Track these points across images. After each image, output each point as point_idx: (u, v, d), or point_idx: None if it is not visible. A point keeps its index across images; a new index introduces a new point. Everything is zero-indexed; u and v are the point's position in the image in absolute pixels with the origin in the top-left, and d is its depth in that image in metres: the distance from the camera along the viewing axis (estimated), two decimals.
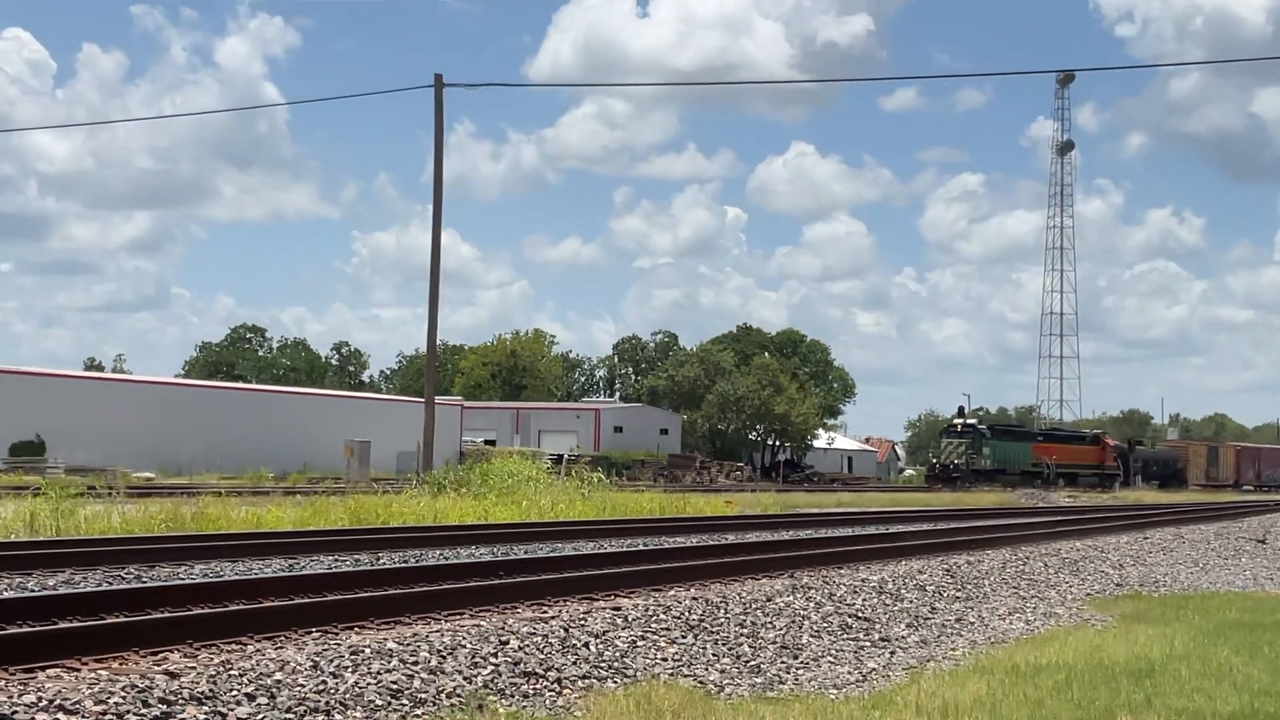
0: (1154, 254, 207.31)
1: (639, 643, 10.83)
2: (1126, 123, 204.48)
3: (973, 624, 14.47)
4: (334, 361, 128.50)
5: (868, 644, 12.52)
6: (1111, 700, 9.58)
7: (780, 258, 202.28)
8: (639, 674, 10.00)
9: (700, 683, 10.04)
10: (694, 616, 11.99)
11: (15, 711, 6.86)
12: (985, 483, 68.48)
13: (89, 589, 11.80)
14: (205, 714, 7.34)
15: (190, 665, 8.25)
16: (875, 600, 14.57)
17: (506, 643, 9.90)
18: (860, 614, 13.71)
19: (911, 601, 15.02)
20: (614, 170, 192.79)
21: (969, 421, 74.91)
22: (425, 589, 12.00)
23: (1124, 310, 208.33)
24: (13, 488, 29.34)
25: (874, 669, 11.34)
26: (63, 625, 9.33)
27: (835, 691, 10.18)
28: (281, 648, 9.10)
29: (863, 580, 15.56)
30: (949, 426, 76.24)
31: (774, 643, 11.81)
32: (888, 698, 9.68)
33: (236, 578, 12.91)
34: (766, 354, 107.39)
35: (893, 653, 12.25)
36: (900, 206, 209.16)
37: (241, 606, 10.52)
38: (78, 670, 8.06)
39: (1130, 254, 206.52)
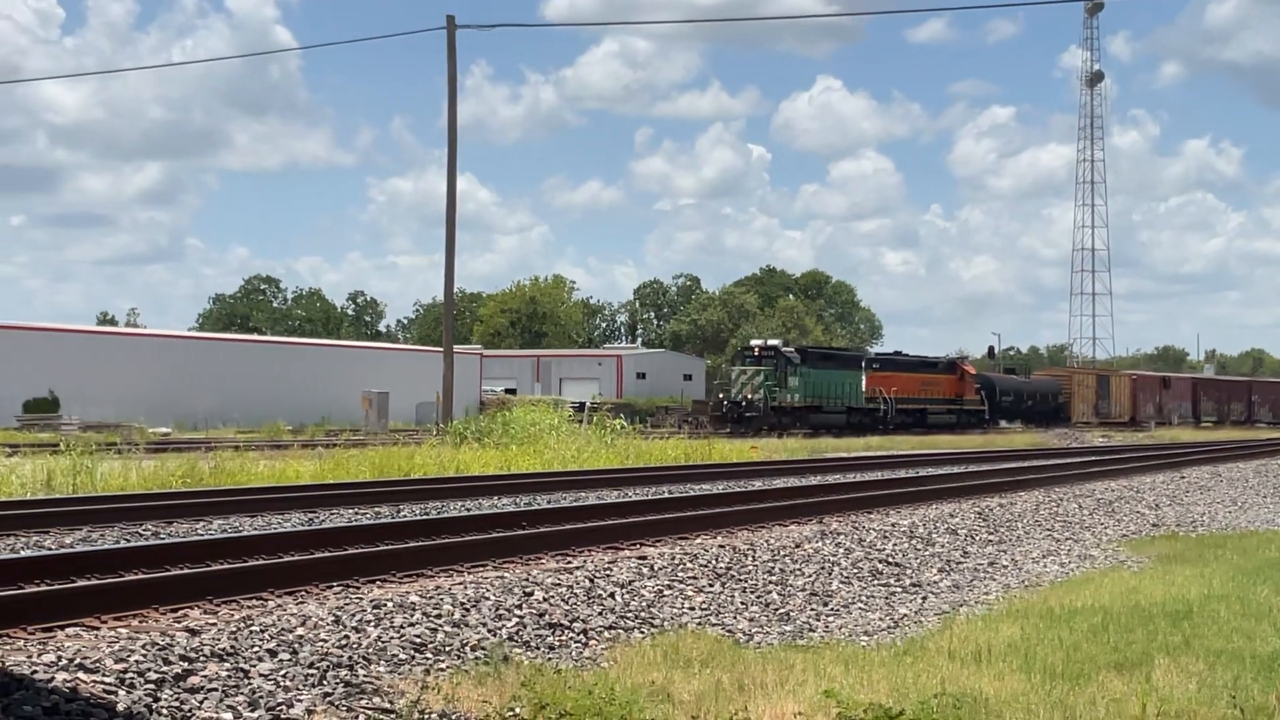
0: (1190, 186, 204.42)
1: (666, 592, 10.71)
2: (1161, 51, 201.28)
3: (1006, 567, 14.30)
4: (350, 311, 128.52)
5: (899, 589, 12.37)
6: (1149, 643, 9.39)
7: (806, 197, 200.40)
8: (666, 624, 9.90)
9: (729, 631, 9.93)
10: (721, 564, 11.86)
11: (35, 670, 6.75)
12: (796, 424, 52.03)
13: (107, 546, 11.73)
14: (227, 670, 7.24)
15: (211, 622, 8.17)
16: (906, 545, 14.41)
17: (531, 594, 9.81)
18: (891, 559, 13.56)
19: (943, 546, 14.87)
20: (635, 110, 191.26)
21: (770, 343, 56.99)
22: (447, 541, 11.96)
23: (1159, 245, 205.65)
24: (30, 445, 29.35)
25: (905, 615, 11.19)
26: (81, 583, 9.29)
27: (866, 638, 10.04)
28: (303, 603, 9.04)
29: (893, 525, 15.40)
30: (742, 350, 58.37)
31: (803, 590, 11.67)
32: (920, 644, 9.53)
33: (256, 532, 12.87)
34: (791, 296, 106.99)
35: (924, 598, 12.10)
36: (928, 142, 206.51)
37: (262, 561, 10.48)
38: (97, 629, 7.99)
39: (1166, 186, 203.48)
